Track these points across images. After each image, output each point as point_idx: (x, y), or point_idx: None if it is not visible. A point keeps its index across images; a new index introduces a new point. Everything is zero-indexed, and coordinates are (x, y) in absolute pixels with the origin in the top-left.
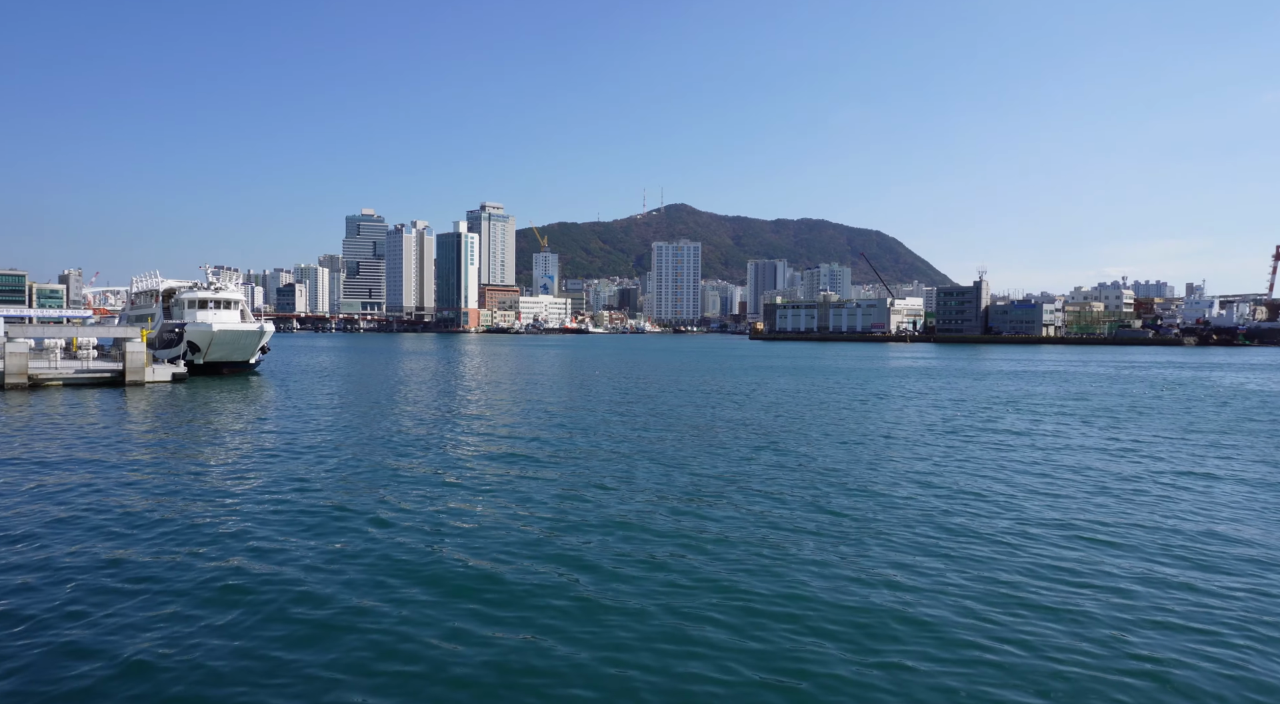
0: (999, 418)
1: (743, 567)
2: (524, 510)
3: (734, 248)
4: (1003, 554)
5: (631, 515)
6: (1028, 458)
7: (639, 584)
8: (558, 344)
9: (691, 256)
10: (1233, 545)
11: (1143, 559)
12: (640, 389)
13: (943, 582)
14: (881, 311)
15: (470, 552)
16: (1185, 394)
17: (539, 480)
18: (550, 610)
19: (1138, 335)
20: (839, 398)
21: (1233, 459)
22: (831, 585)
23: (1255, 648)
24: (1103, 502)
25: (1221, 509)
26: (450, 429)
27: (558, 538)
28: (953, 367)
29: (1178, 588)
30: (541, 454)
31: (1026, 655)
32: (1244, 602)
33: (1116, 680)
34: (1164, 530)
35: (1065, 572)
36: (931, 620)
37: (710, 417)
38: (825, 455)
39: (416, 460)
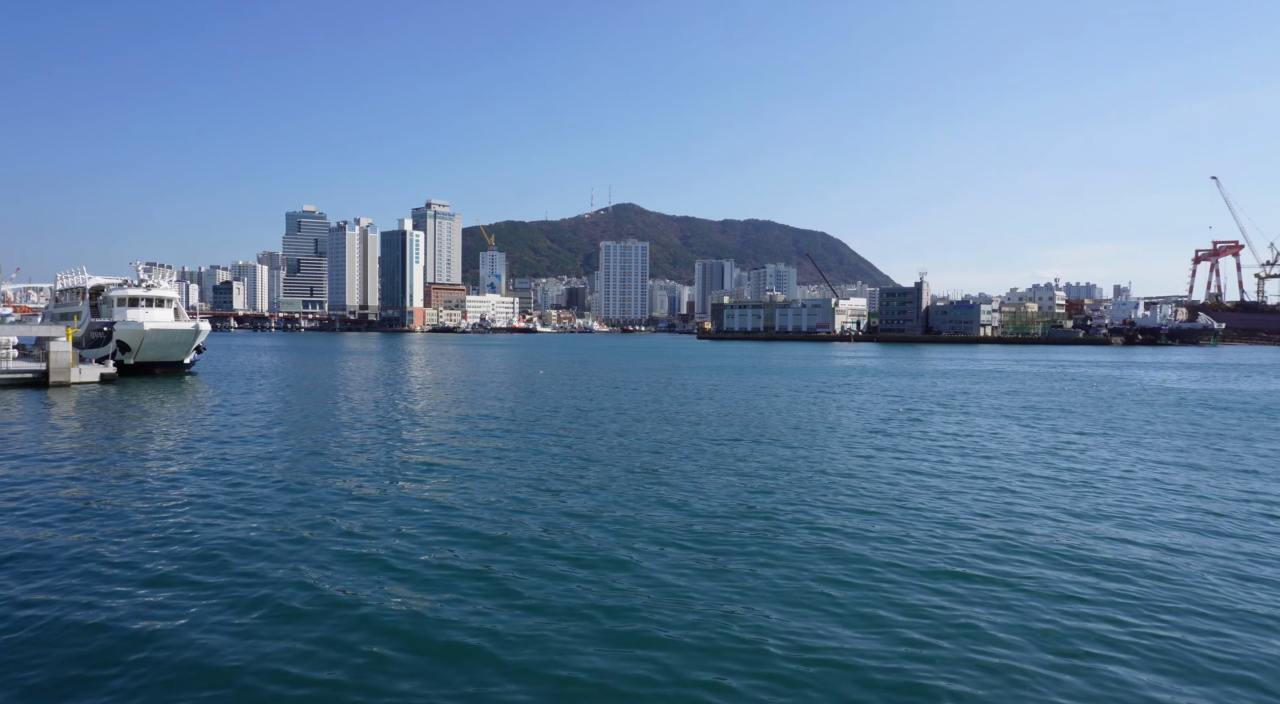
0: (932, 415)
1: (676, 564)
2: (462, 514)
3: (682, 248)
4: (928, 546)
5: (571, 517)
6: (957, 454)
7: (576, 585)
8: (505, 344)
9: (640, 256)
10: (1121, 535)
11: (1037, 554)
12: (586, 390)
13: (868, 573)
14: (826, 312)
15: (403, 556)
16: (1110, 391)
17: (477, 482)
18: (486, 613)
19: (1069, 335)
20: (784, 396)
21: (1146, 454)
22: (767, 582)
23: (1159, 631)
24: (1031, 492)
25: (1131, 501)
26: (391, 431)
27: (491, 538)
28: (895, 366)
29: (1077, 579)
30: (479, 455)
31: (954, 646)
32: (1144, 587)
33: (1035, 671)
34: (1070, 519)
35: (992, 566)
36: (859, 614)
37: (656, 416)
38: (768, 453)
39: (357, 465)
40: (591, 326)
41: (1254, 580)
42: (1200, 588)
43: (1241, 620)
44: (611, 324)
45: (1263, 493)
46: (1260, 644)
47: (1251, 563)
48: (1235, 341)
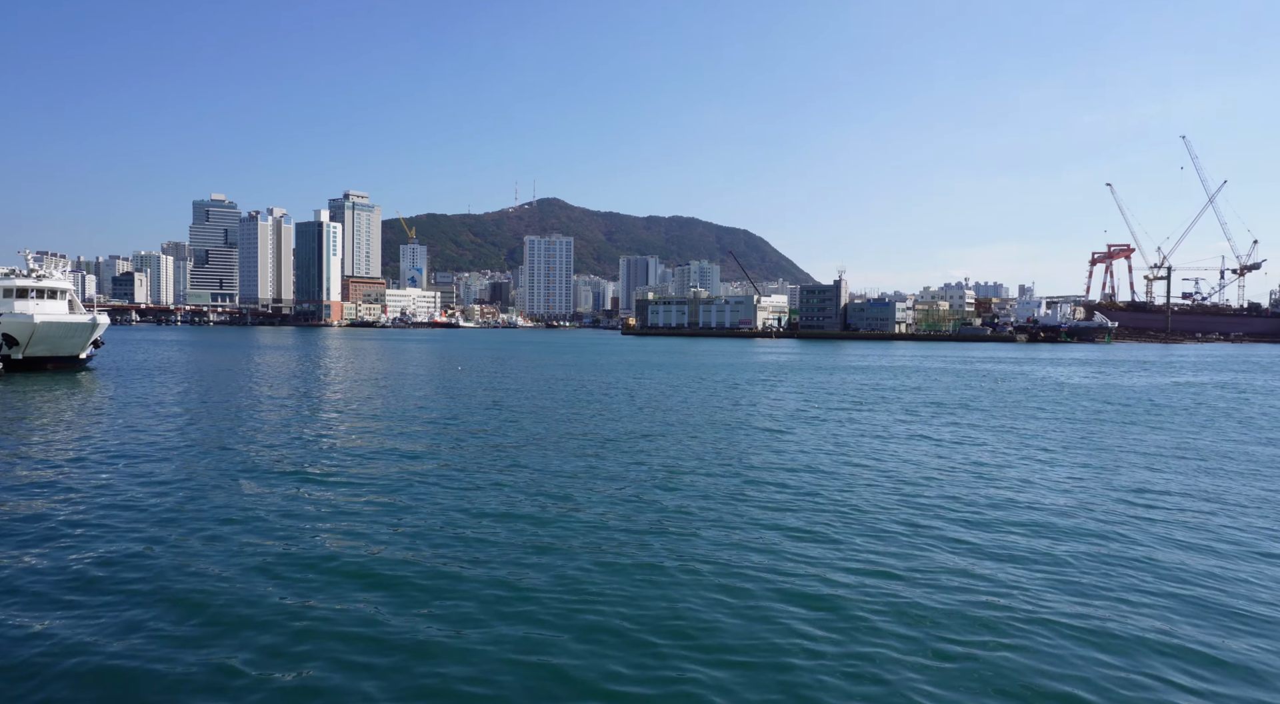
0: (847, 409)
1: (576, 564)
2: (363, 515)
3: (606, 243)
4: (830, 540)
5: (480, 517)
6: (862, 447)
7: (480, 586)
8: (426, 339)
9: (564, 251)
10: (1009, 523)
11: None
12: (506, 386)
13: (771, 567)
14: (749, 308)
15: (311, 562)
16: (1012, 386)
17: (381, 482)
18: (392, 619)
19: (978, 332)
20: (704, 391)
21: (1040, 446)
22: (670, 577)
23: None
24: (928, 484)
25: (1022, 493)
26: (301, 429)
27: (401, 540)
28: (814, 361)
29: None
30: (385, 454)
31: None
32: (1019, 576)
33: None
34: (962, 509)
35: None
36: (754, 609)
37: (577, 412)
38: (682, 448)
39: (264, 464)
40: (516, 322)
41: (1119, 561)
42: (1063, 569)
43: (1101, 598)
44: (536, 319)
45: (1141, 483)
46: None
47: (1120, 544)
48: (1127, 339)
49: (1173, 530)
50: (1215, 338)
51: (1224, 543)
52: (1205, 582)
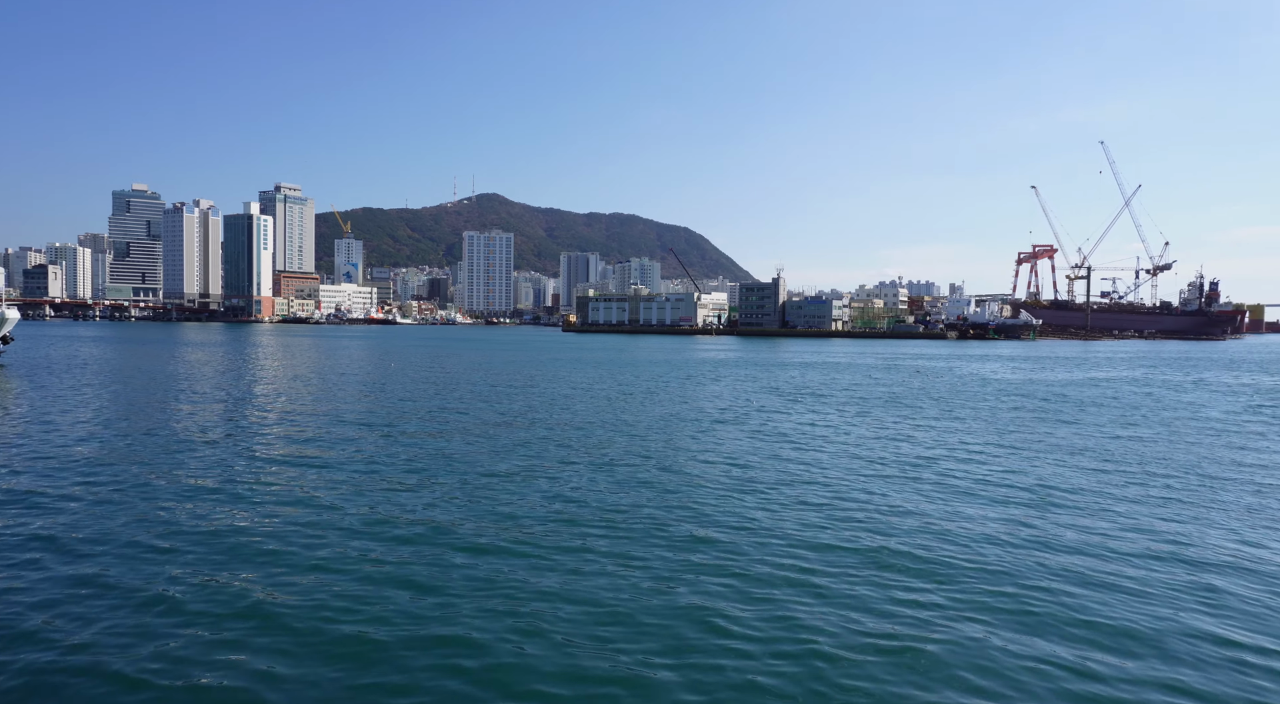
0: (785, 404)
1: (506, 563)
2: (300, 522)
3: (547, 240)
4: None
5: (406, 520)
6: (793, 442)
7: (399, 592)
8: (362, 335)
9: (504, 247)
10: (911, 514)
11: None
12: (440, 384)
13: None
14: (689, 306)
15: (225, 570)
16: (941, 382)
17: (313, 487)
18: (328, 625)
19: (911, 329)
20: (645, 388)
21: (961, 439)
22: (591, 577)
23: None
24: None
25: (941, 486)
26: (226, 429)
27: (325, 544)
28: (753, 358)
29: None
30: (302, 454)
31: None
32: (919, 567)
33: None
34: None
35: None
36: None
37: (513, 410)
38: (612, 444)
39: (186, 464)
40: (454, 318)
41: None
42: (968, 559)
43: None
44: (475, 316)
45: (1050, 475)
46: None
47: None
48: (1050, 336)
49: (1074, 517)
50: (1131, 335)
51: (1121, 529)
52: (1100, 568)
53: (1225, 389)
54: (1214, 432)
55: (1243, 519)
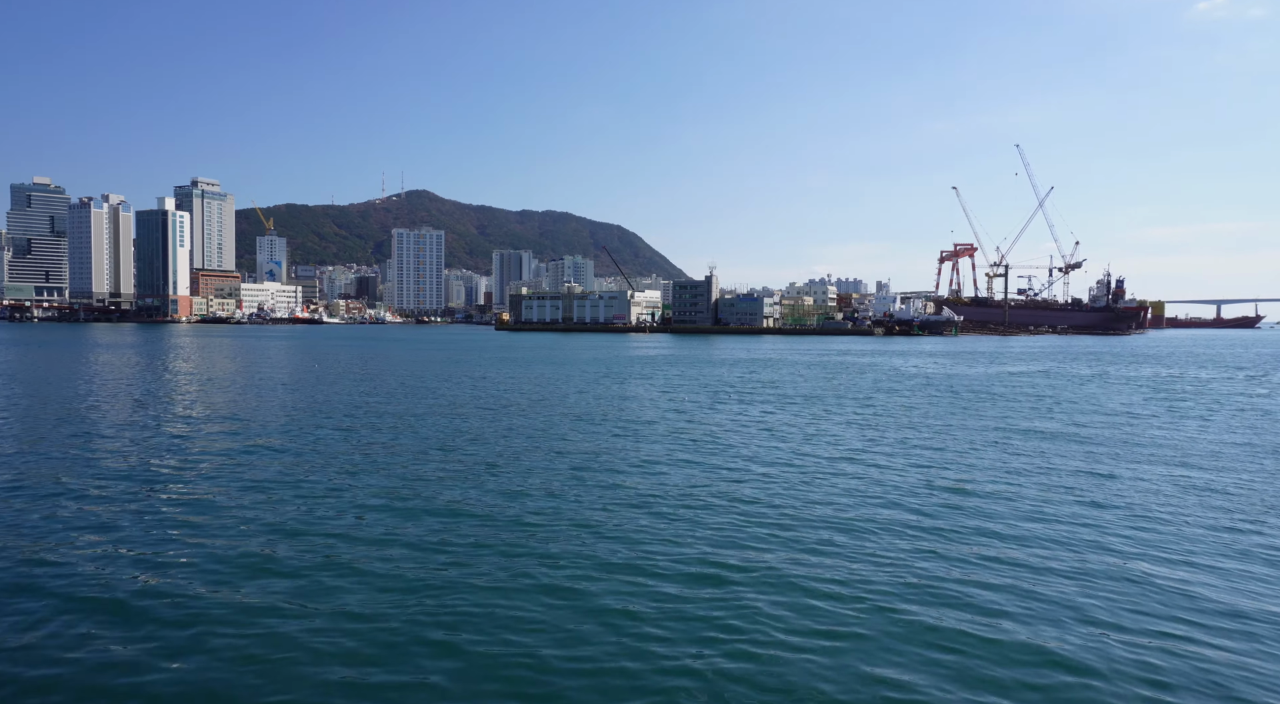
0: (716, 401)
1: (431, 564)
2: (214, 529)
3: (479, 237)
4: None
5: (319, 525)
6: (718, 438)
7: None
8: (286, 335)
9: (435, 245)
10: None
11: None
12: (367, 385)
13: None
14: (623, 303)
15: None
16: (866, 377)
17: (231, 493)
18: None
19: (839, 326)
20: (578, 386)
21: (881, 433)
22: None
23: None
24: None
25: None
26: (133, 433)
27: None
28: (686, 355)
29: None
30: (206, 460)
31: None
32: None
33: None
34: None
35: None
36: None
37: (440, 411)
38: (541, 445)
39: (90, 470)
40: (384, 317)
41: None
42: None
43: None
44: (405, 315)
45: (965, 468)
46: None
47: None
48: (971, 332)
49: (980, 503)
50: (1045, 330)
51: (1027, 519)
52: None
53: (1124, 381)
54: (1117, 423)
55: (1134, 499)
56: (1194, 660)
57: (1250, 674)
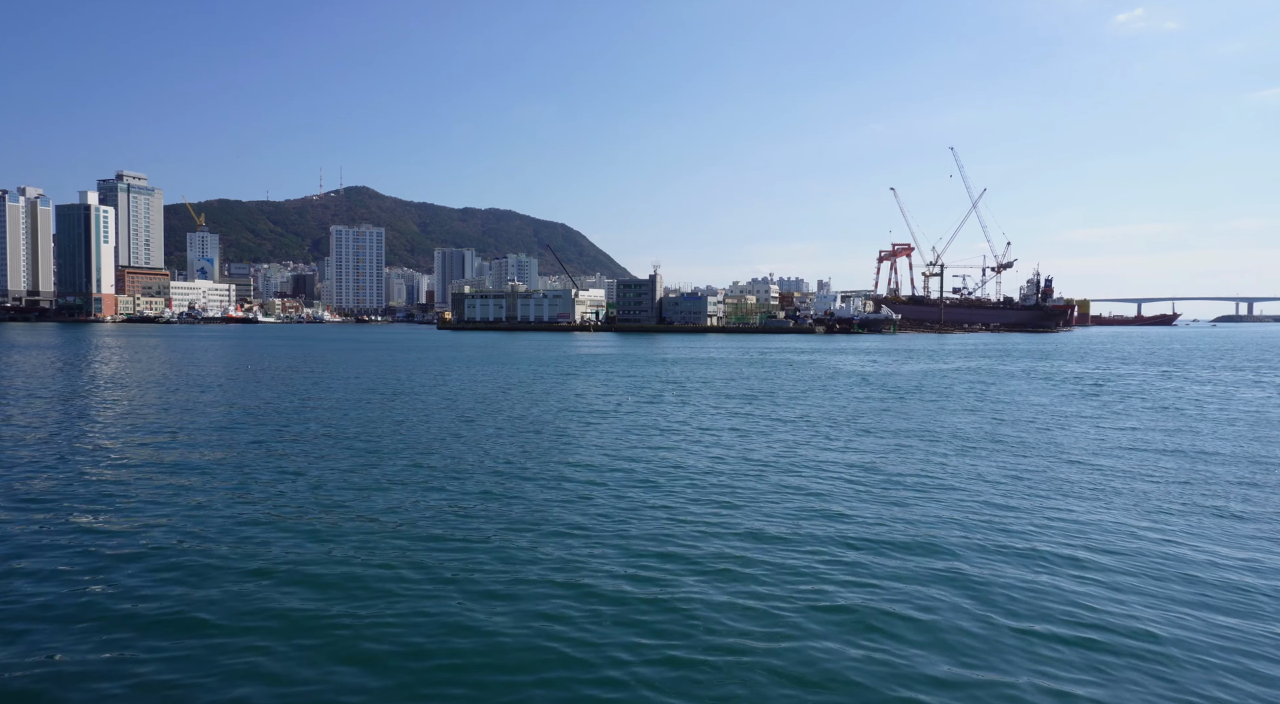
0: (656, 400)
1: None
2: (90, 532)
3: (420, 235)
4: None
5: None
6: (657, 437)
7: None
8: (219, 335)
9: (375, 242)
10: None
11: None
12: (302, 387)
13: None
14: (567, 302)
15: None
16: (805, 374)
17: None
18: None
19: (781, 324)
20: (521, 386)
21: (820, 430)
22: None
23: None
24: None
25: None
26: (48, 438)
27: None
28: (630, 354)
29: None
30: (125, 467)
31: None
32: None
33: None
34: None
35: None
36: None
37: (374, 413)
38: (481, 443)
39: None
40: (322, 316)
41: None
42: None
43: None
44: (345, 314)
45: (896, 462)
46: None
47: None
48: (908, 330)
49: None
50: (979, 328)
51: (959, 512)
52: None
53: (1050, 376)
54: (1039, 417)
55: (1050, 490)
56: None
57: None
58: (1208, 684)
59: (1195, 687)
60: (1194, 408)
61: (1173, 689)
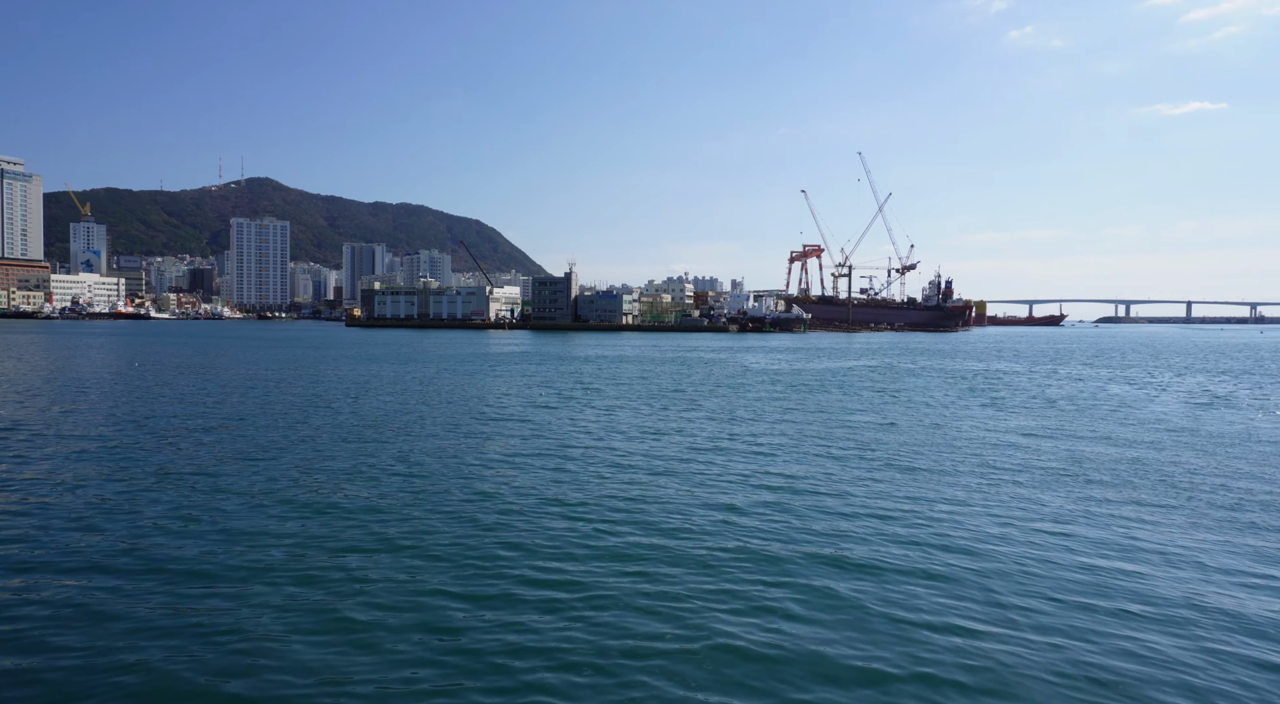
0: (562, 400)
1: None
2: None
3: (328, 229)
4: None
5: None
6: (568, 437)
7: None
8: (106, 332)
9: (279, 236)
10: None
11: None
12: (196, 386)
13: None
14: (481, 299)
15: None
16: (719, 371)
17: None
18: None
19: (696, 323)
20: (432, 385)
21: (726, 428)
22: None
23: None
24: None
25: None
26: None
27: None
28: (544, 352)
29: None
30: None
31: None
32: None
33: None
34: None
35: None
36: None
37: (278, 414)
38: (388, 447)
39: None
40: (222, 312)
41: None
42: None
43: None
44: (247, 310)
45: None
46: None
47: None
48: (818, 329)
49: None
50: (884, 327)
51: (855, 507)
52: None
53: (946, 373)
54: (936, 412)
55: (942, 482)
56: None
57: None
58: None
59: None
60: (1068, 401)
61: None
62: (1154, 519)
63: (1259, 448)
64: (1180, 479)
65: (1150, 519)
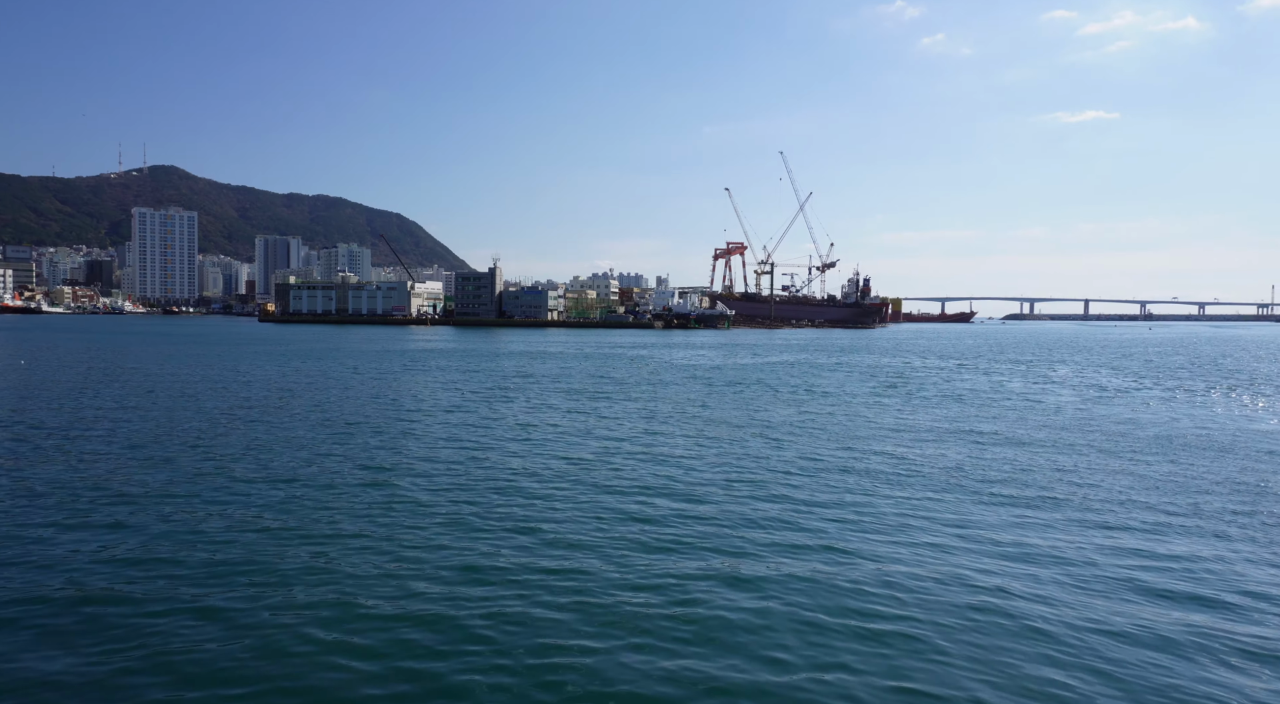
0: (475, 400)
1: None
2: None
3: (239, 221)
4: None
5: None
6: (494, 432)
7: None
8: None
9: (186, 227)
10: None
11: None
12: (85, 387)
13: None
14: (402, 294)
15: None
16: (649, 368)
17: None
18: None
19: (621, 319)
20: (348, 384)
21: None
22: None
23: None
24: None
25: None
26: None
27: None
28: (467, 348)
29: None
30: None
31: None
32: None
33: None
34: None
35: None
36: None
37: (176, 413)
38: (310, 448)
39: None
40: (123, 307)
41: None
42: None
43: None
44: (150, 304)
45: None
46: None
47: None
48: (742, 325)
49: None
50: (805, 323)
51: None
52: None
53: (859, 368)
54: (849, 406)
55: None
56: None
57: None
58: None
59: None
60: (972, 395)
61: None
62: (1041, 518)
63: (1142, 438)
64: (1068, 471)
65: (1037, 519)
